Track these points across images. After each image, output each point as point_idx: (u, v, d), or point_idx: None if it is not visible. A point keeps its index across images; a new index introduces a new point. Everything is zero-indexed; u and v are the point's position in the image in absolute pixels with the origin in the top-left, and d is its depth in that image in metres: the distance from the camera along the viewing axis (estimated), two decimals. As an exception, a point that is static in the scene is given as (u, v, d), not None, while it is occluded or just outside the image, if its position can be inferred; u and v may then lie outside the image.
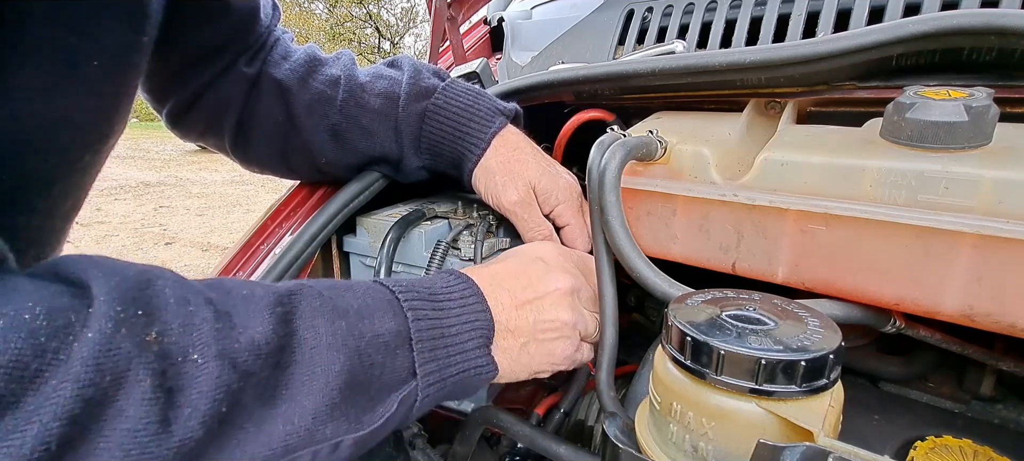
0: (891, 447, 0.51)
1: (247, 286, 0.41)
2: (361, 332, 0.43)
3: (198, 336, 0.35)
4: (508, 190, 0.65)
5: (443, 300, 0.49)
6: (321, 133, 0.68)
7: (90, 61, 0.44)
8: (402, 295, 0.47)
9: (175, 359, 0.34)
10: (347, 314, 0.43)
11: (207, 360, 0.35)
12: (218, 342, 0.36)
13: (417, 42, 17.70)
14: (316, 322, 0.42)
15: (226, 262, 0.71)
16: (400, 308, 0.46)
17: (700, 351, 0.38)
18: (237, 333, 0.37)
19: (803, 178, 0.50)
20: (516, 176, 0.65)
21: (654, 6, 0.92)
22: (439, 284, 0.51)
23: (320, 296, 0.43)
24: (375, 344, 0.44)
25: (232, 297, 0.39)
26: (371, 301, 0.46)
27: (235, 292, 0.40)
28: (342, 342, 0.42)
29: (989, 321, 0.44)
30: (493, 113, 0.67)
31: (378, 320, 0.45)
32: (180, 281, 0.38)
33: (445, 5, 1.09)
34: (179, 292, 0.36)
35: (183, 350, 0.34)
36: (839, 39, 0.53)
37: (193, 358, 0.35)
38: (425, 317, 0.47)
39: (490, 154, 0.66)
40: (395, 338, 0.45)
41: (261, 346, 0.38)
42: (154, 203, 6.62)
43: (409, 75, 0.69)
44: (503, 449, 0.75)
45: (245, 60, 0.68)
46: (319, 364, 0.40)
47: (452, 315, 0.49)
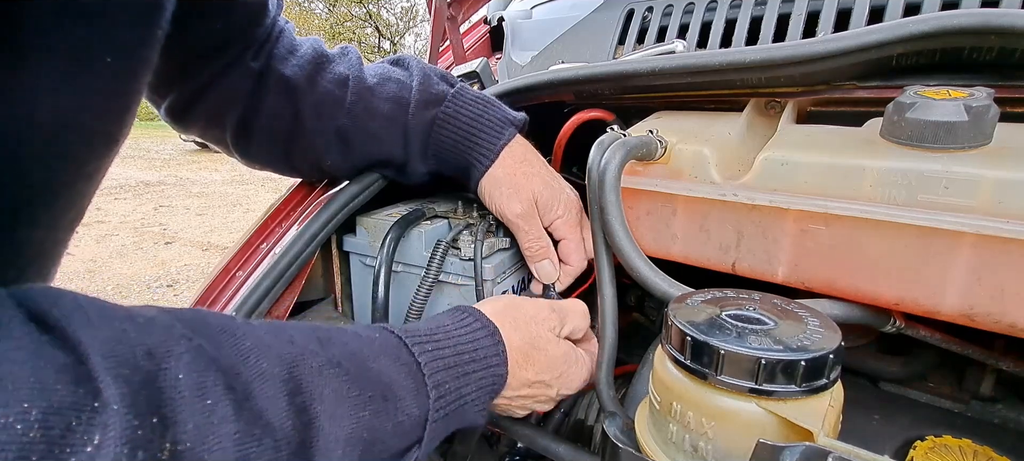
0: (891, 447, 0.51)
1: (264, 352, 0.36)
2: (382, 422, 0.41)
3: (216, 441, 0.31)
4: (512, 202, 0.65)
5: (467, 361, 0.49)
6: (328, 135, 0.68)
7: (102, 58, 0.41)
8: (428, 367, 0.46)
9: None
10: (372, 400, 0.41)
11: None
12: (238, 447, 0.32)
13: (417, 41, 17.69)
14: (339, 412, 0.38)
15: (226, 261, 0.71)
16: (424, 386, 0.45)
17: (700, 351, 0.38)
18: (259, 430, 0.33)
19: (803, 178, 0.50)
20: (520, 188, 0.66)
21: (654, 6, 0.92)
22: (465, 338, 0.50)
23: (346, 378, 0.40)
24: (393, 432, 0.42)
25: (248, 372, 0.35)
26: (396, 378, 0.43)
27: (253, 362, 0.35)
28: (360, 435, 0.40)
29: (989, 321, 0.44)
30: (503, 124, 0.67)
31: (400, 404, 0.43)
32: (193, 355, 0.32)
33: (445, 5, 1.09)
34: (194, 376, 0.32)
35: (197, 457, 0.30)
36: (839, 39, 0.53)
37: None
38: (447, 392, 0.46)
39: (497, 165, 0.66)
40: (414, 422, 0.44)
41: (282, 445, 0.34)
42: (154, 202, 6.63)
43: (418, 80, 0.68)
44: (503, 449, 0.75)
45: (251, 54, 0.66)
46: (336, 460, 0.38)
47: (473, 381, 0.49)
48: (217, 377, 0.32)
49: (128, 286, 4.10)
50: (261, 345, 0.36)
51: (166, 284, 4.17)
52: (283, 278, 0.64)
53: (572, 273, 0.69)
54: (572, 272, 0.69)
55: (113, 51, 0.42)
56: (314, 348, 0.40)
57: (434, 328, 0.50)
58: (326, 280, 0.76)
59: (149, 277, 4.28)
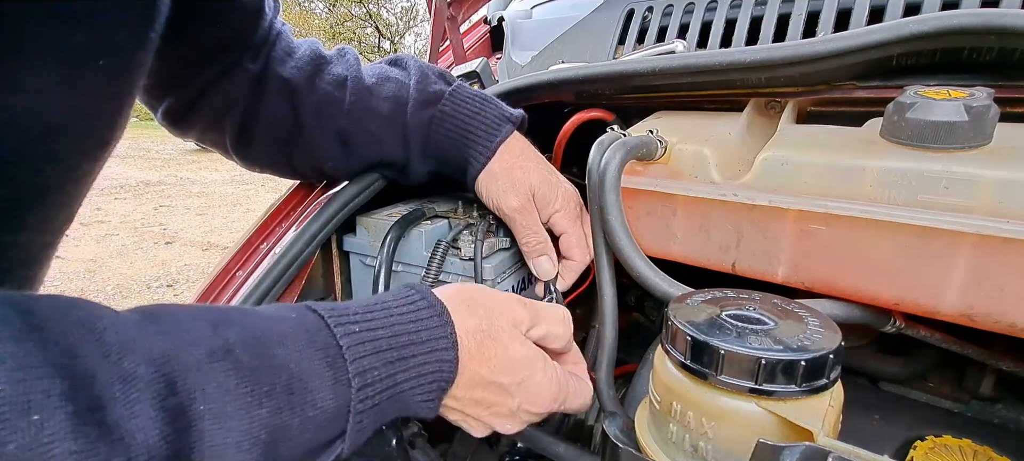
0: (891, 447, 0.51)
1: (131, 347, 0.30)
2: (287, 420, 0.35)
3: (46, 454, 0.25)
4: (509, 196, 0.65)
5: (405, 342, 0.41)
6: (328, 137, 0.68)
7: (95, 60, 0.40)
8: (351, 350, 0.39)
9: None
10: (272, 395, 0.34)
11: None
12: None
13: (417, 41, 17.69)
14: (227, 410, 0.32)
15: (226, 261, 0.71)
16: (345, 372, 0.38)
17: (700, 351, 0.38)
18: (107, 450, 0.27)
19: (803, 178, 0.50)
20: (518, 182, 0.65)
21: (654, 6, 0.92)
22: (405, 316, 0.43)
23: (237, 370, 0.33)
24: (302, 427, 0.36)
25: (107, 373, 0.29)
26: (307, 365, 0.37)
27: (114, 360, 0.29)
28: (257, 436, 0.33)
29: (989, 321, 0.44)
30: (500, 120, 0.67)
31: (311, 396, 0.36)
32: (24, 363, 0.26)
33: (445, 5, 1.09)
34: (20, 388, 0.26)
35: None
36: (839, 39, 0.53)
37: None
38: (375, 380, 0.39)
39: (495, 160, 0.66)
40: (330, 416, 0.38)
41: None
42: (154, 202, 6.63)
43: (416, 79, 0.68)
44: (503, 448, 0.75)
45: (249, 56, 0.66)
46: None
47: (412, 367, 0.41)
48: (51, 385, 0.26)
49: (128, 286, 4.10)
50: (126, 339, 0.30)
51: (166, 284, 4.17)
52: (283, 278, 0.64)
53: (575, 269, 0.69)
54: (575, 267, 0.68)
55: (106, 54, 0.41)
56: (200, 334, 0.34)
57: (370, 305, 0.43)
58: (326, 280, 0.76)
59: (149, 277, 4.29)
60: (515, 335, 0.48)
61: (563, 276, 0.69)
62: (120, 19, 0.42)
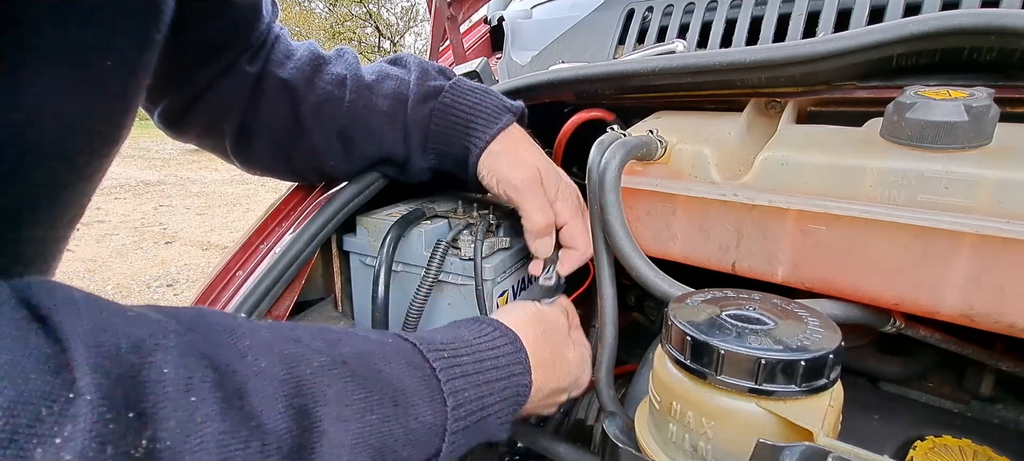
0: (891, 447, 0.51)
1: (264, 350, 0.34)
2: (392, 429, 0.39)
3: (198, 440, 0.29)
4: (515, 169, 0.64)
5: (488, 368, 0.46)
6: (329, 136, 0.68)
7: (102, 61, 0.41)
8: (444, 372, 0.43)
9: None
10: (381, 403, 0.39)
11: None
12: (221, 448, 0.30)
13: (417, 41, 17.68)
14: (345, 413, 0.36)
15: (226, 261, 0.71)
16: (440, 392, 0.43)
17: (700, 351, 0.38)
18: (246, 435, 0.31)
19: (803, 178, 0.50)
20: (523, 159, 0.65)
21: (654, 6, 0.92)
22: (485, 347, 0.48)
23: (353, 378, 0.38)
24: (406, 439, 0.40)
25: (245, 369, 0.33)
26: (408, 383, 0.41)
27: (251, 361, 0.33)
28: (368, 441, 0.37)
29: (989, 321, 0.44)
30: (500, 111, 0.67)
31: (413, 410, 0.40)
32: (183, 349, 0.31)
33: (445, 4, 1.09)
34: (181, 372, 0.30)
35: (177, 456, 0.28)
36: (839, 39, 0.53)
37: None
38: (466, 400, 0.44)
39: (496, 142, 0.66)
40: (429, 430, 0.42)
41: (272, 449, 0.32)
42: (154, 202, 6.63)
43: (416, 76, 0.68)
44: (503, 448, 0.75)
45: (247, 58, 0.66)
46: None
47: (495, 391, 0.47)
48: (206, 373, 0.31)
49: (128, 285, 4.10)
50: (261, 343, 0.35)
51: (166, 284, 4.17)
52: (283, 278, 0.64)
53: (578, 258, 0.68)
54: (578, 257, 0.68)
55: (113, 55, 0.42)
56: (319, 346, 0.38)
57: (451, 338, 0.48)
58: (326, 280, 0.76)
59: (149, 277, 4.28)
60: (569, 344, 0.57)
61: (564, 261, 0.68)
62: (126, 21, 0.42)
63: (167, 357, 0.30)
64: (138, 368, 0.28)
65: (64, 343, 0.27)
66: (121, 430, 0.26)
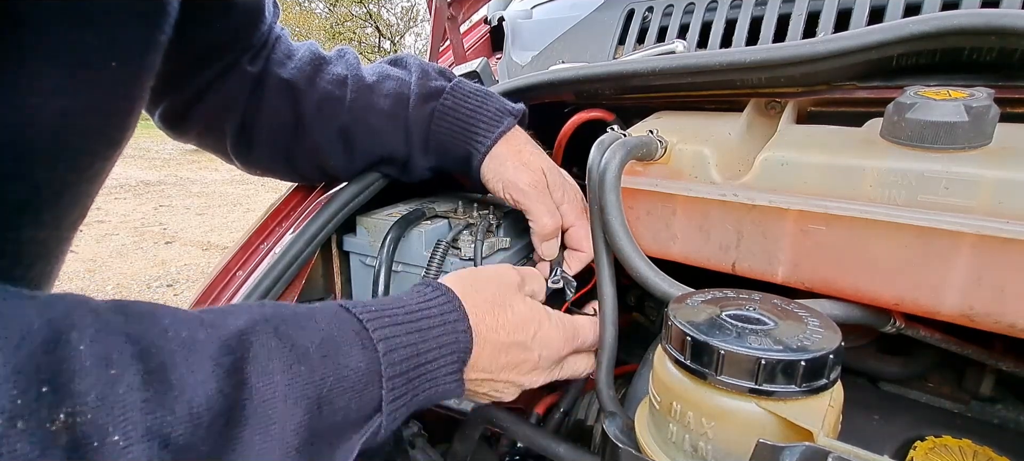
0: (891, 447, 0.51)
1: (188, 323, 0.35)
2: (323, 376, 0.38)
3: (120, 411, 0.29)
4: (521, 173, 0.65)
5: (420, 318, 0.46)
6: (330, 135, 0.68)
7: (107, 62, 0.42)
8: (371, 323, 0.43)
9: (90, 445, 0.28)
10: (308, 355, 0.38)
11: (131, 443, 0.29)
12: (147, 417, 0.30)
13: (417, 41, 17.68)
14: (271, 367, 0.36)
15: (226, 261, 0.71)
16: (369, 339, 0.42)
17: (700, 351, 0.38)
18: (172, 400, 0.31)
19: (803, 178, 0.50)
20: (528, 162, 0.65)
21: (654, 6, 0.92)
22: (415, 301, 0.47)
23: (276, 334, 0.38)
24: (340, 388, 0.39)
25: (168, 344, 0.33)
26: (336, 334, 0.41)
27: (173, 335, 0.34)
28: (301, 391, 0.37)
29: (989, 321, 0.44)
30: (501, 114, 0.67)
31: (343, 358, 0.40)
32: (103, 328, 0.31)
33: (445, 5, 1.09)
34: (99, 347, 0.30)
35: (101, 431, 0.28)
36: (839, 39, 0.53)
37: (113, 440, 0.28)
38: (399, 345, 0.43)
39: (499, 145, 0.66)
40: (363, 377, 0.41)
41: (202, 413, 0.32)
42: (154, 202, 6.63)
43: (417, 76, 0.69)
44: (503, 448, 0.75)
45: (248, 58, 0.66)
46: (275, 421, 0.35)
47: (430, 337, 0.45)
48: (124, 347, 0.31)
49: (128, 285, 4.10)
50: (181, 318, 0.35)
51: (166, 284, 4.17)
52: (283, 278, 0.64)
53: (583, 260, 0.69)
54: (583, 259, 0.68)
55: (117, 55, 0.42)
56: (241, 312, 0.39)
57: (380, 298, 0.48)
58: (326, 280, 0.76)
59: (149, 277, 4.28)
60: (517, 296, 0.54)
61: (570, 264, 0.69)
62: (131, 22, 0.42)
63: (83, 334, 0.30)
64: (53, 344, 0.28)
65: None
66: (32, 403, 0.27)
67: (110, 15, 0.40)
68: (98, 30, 0.40)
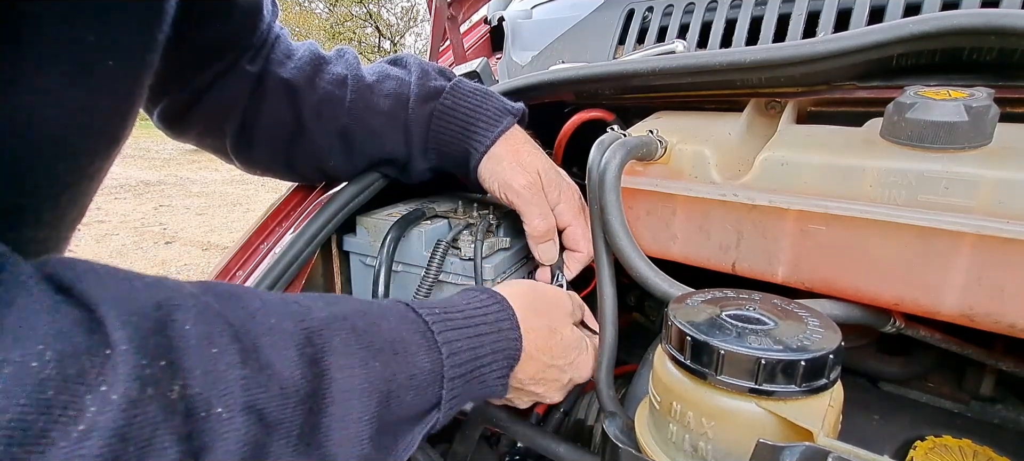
0: (891, 447, 0.51)
1: (275, 310, 0.37)
2: (394, 373, 0.41)
3: (224, 386, 0.32)
4: (517, 174, 0.65)
5: (479, 323, 0.49)
6: (330, 136, 0.68)
7: (105, 61, 0.42)
8: (436, 325, 0.46)
9: (199, 416, 0.31)
10: (381, 352, 0.41)
11: (233, 414, 0.32)
12: (245, 392, 0.33)
13: (417, 41, 17.68)
14: (350, 361, 0.39)
15: (226, 261, 0.71)
16: (434, 342, 0.45)
17: (700, 351, 0.38)
18: (265, 378, 0.34)
19: (803, 178, 0.50)
20: (525, 163, 0.66)
21: (654, 6, 0.92)
22: (474, 305, 0.50)
23: (354, 331, 0.41)
24: (408, 385, 0.42)
25: (257, 327, 0.35)
26: (405, 335, 0.44)
27: (261, 319, 0.36)
28: (375, 386, 0.40)
29: (989, 321, 0.44)
30: (501, 113, 0.67)
31: (412, 357, 0.43)
32: (201, 309, 0.34)
33: (445, 5, 1.09)
34: (201, 327, 0.33)
35: (207, 403, 0.31)
36: (839, 39, 0.53)
37: (217, 412, 0.31)
38: (460, 350, 0.46)
39: (497, 145, 0.66)
40: (428, 377, 0.44)
41: (291, 394, 0.35)
42: (154, 202, 6.62)
43: (417, 76, 0.69)
44: (503, 448, 0.75)
45: (248, 58, 0.66)
46: (352, 411, 0.38)
47: (487, 342, 0.49)
48: (223, 328, 0.33)
49: (128, 286, 4.10)
50: (268, 304, 0.38)
51: (166, 284, 4.16)
52: (283, 278, 0.64)
53: (581, 260, 0.69)
54: (581, 259, 0.69)
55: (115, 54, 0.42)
56: (321, 306, 0.41)
57: (440, 301, 0.50)
58: (326, 280, 0.76)
59: (149, 277, 4.28)
60: (568, 323, 0.57)
61: (569, 266, 0.69)
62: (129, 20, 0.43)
63: (187, 315, 0.32)
64: (163, 324, 0.31)
65: (93, 307, 0.29)
66: (156, 375, 0.29)
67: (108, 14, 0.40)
68: (96, 29, 0.40)
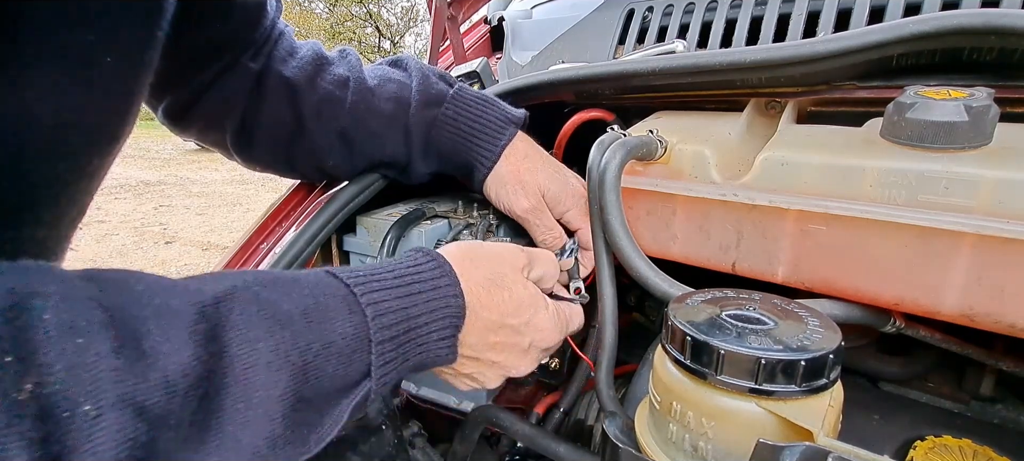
0: (891, 447, 0.51)
1: (162, 290, 0.34)
2: (309, 342, 0.37)
3: (90, 379, 0.28)
4: (519, 198, 0.66)
5: (411, 282, 0.44)
6: (329, 136, 0.68)
7: (103, 58, 0.41)
8: (359, 287, 0.41)
9: (60, 416, 0.27)
10: (292, 321, 0.37)
11: (103, 411, 0.28)
12: (119, 384, 0.29)
13: (417, 41, 17.68)
14: (252, 334, 0.35)
15: (226, 261, 0.71)
16: (357, 304, 0.40)
17: (700, 351, 0.38)
18: (145, 367, 0.30)
19: (803, 178, 0.50)
20: (527, 184, 0.66)
21: (654, 5, 0.92)
22: (405, 266, 0.45)
23: (257, 300, 0.36)
24: (327, 354, 0.38)
25: (141, 311, 0.32)
26: (322, 299, 0.39)
27: (146, 302, 0.32)
28: (285, 358, 0.36)
29: (989, 321, 0.44)
30: (504, 123, 0.67)
31: (330, 324, 0.39)
32: (68, 295, 0.30)
33: (445, 4, 1.09)
34: (64, 316, 0.29)
35: (71, 401, 0.27)
36: (839, 39, 0.53)
37: (84, 410, 0.27)
38: (388, 310, 0.42)
39: (501, 163, 0.66)
40: (351, 343, 0.39)
41: (178, 381, 0.31)
42: (154, 202, 6.63)
43: (418, 80, 0.69)
44: (503, 448, 0.75)
45: (250, 55, 0.66)
46: (258, 389, 0.34)
47: (420, 302, 0.44)
48: (93, 315, 0.30)
49: (128, 286, 4.10)
50: (153, 285, 0.34)
51: (166, 284, 4.16)
52: (283, 278, 0.64)
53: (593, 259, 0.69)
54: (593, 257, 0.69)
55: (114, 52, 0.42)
56: (221, 279, 0.37)
57: (366, 265, 0.46)
58: (326, 280, 0.76)
59: (149, 277, 4.28)
60: (518, 278, 0.52)
61: (584, 264, 0.69)
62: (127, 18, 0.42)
63: (47, 302, 0.29)
64: (15, 314, 0.28)
65: None
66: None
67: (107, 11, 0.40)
68: (95, 26, 0.40)
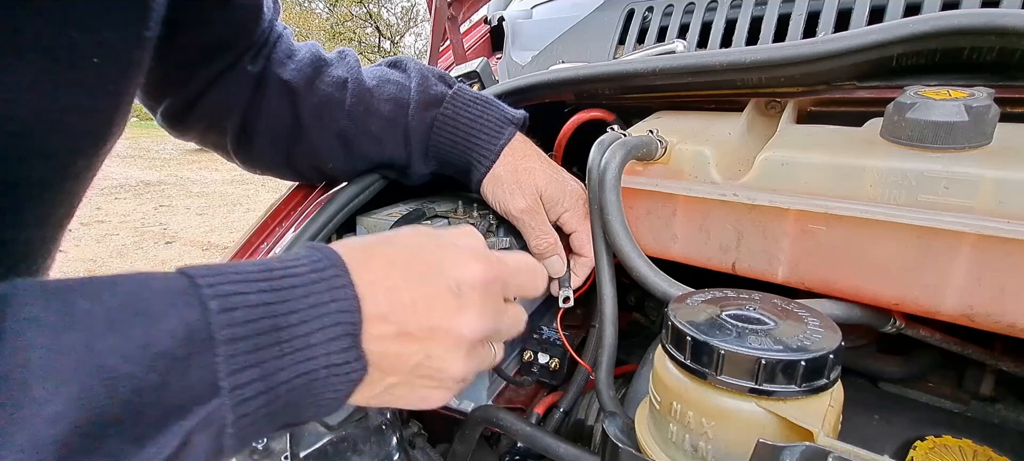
0: (891, 447, 0.51)
1: None
2: (112, 346, 0.29)
3: None
4: (516, 198, 0.65)
5: (279, 275, 0.35)
6: (329, 138, 0.68)
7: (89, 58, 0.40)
8: (206, 279, 0.33)
9: None
10: (89, 323, 0.29)
11: None
12: None
13: (417, 41, 17.68)
14: (22, 341, 0.28)
15: (226, 262, 0.71)
16: (197, 298, 0.32)
17: (700, 351, 0.38)
18: None
19: (803, 178, 0.50)
20: (524, 184, 0.66)
21: (654, 6, 0.92)
22: (278, 259, 0.37)
23: (44, 298, 0.29)
24: (140, 358, 0.30)
25: None
26: (145, 295, 0.31)
27: None
28: (76, 365, 0.28)
29: (989, 321, 0.44)
30: (503, 123, 0.67)
31: (155, 321, 0.30)
32: None
33: (445, 4, 1.09)
34: None
35: None
36: (839, 39, 0.53)
37: None
38: (244, 304, 0.33)
39: (499, 164, 0.66)
40: (186, 344, 0.31)
41: None
42: (154, 202, 6.63)
43: (417, 81, 0.69)
44: (503, 448, 0.75)
45: (249, 57, 0.66)
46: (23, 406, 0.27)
47: (296, 296, 0.35)
48: None
49: (128, 286, 4.10)
50: None
51: (166, 284, 4.16)
52: (283, 278, 0.64)
53: (587, 265, 0.69)
54: (587, 264, 0.69)
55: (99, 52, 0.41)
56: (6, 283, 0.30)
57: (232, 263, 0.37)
58: (326, 280, 0.76)
59: (149, 277, 4.28)
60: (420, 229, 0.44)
61: (576, 272, 0.69)
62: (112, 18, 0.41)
63: None
64: None
65: None
66: None
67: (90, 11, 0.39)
68: (79, 26, 0.39)
